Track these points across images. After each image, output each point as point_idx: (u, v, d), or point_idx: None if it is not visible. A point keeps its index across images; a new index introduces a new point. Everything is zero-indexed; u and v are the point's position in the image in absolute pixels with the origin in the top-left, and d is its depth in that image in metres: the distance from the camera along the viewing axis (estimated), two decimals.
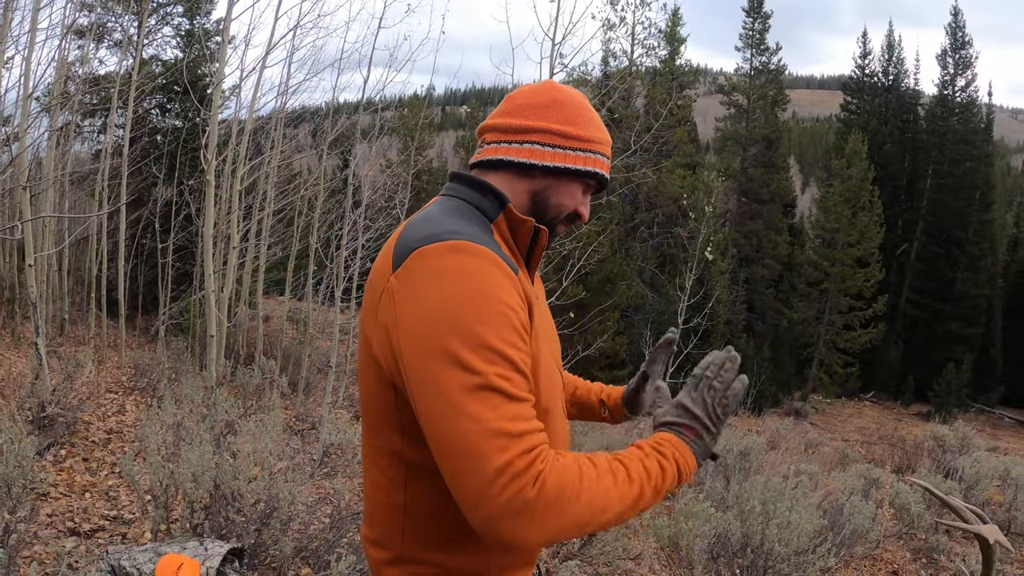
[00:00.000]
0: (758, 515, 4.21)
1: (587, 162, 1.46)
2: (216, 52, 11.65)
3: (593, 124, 1.48)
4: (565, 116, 1.45)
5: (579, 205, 1.50)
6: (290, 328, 14.12)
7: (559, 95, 1.48)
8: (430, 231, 1.27)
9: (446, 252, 1.22)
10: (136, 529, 4.26)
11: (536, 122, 1.44)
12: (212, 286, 8.34)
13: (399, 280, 1.24)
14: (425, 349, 1.17)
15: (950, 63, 38.75)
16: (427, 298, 1.19)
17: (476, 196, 1.42)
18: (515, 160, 1.43)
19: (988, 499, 8.85)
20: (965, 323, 36.17)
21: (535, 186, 1.45)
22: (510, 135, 1.45)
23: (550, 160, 1.43)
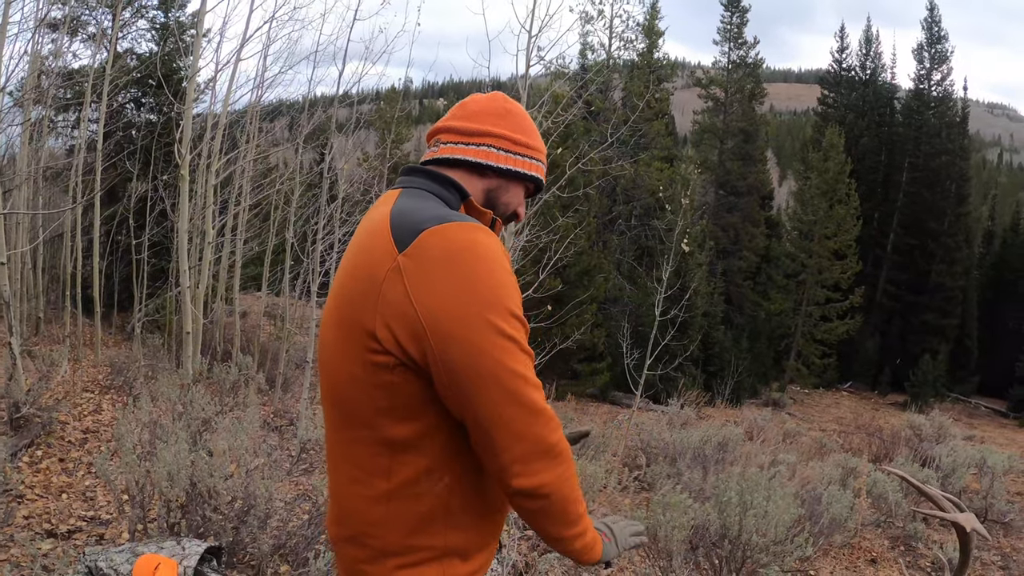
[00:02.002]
0: (735, 506, 4.23)
1: (531, 167, 1.63)
2: (191, 45, 11.54)
3: (536, 135, 1.66)
4: (516, 125, 1.61)
5: (519, 205, 1.67)
6: (268, 324, 14.04)
7: (510, 106, 1.64)
8: (434, 214, 1.37)
9: (458, 231, 1.33)
10: (113, 529, 4.22)
11: (491, 127, 1.58)
12: (187, 282, 8.28)
13: (411, 259, 1.30)
14: (466, 321, 1.28)
15: (926, 58, 39.12)
16: (453, 275, 1.29)
17: (438, 188, 1.52)
18: (472, 160, 1.57)
19: (965, 487, 8.96)
20: (941, 314, 36.62)
21: (488, 185, 1.60)
22: (467, 137, 1.58)
23: (503, 163, 1.58)
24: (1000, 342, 37.57)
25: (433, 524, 1.41)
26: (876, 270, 38.01)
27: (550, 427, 1.33)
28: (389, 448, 1.38)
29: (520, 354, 1.32)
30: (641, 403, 14.50)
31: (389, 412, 1.36)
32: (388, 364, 1.33)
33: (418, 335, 1.29)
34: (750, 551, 4.12)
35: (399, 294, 1.30)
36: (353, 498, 1.43)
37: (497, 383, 1.28)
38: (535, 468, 1.32)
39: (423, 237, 1.31)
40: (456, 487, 1.41)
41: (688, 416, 13.09)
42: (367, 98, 13.29)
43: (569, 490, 1.38)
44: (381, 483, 1.39)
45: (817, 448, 13.47)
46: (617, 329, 16.61)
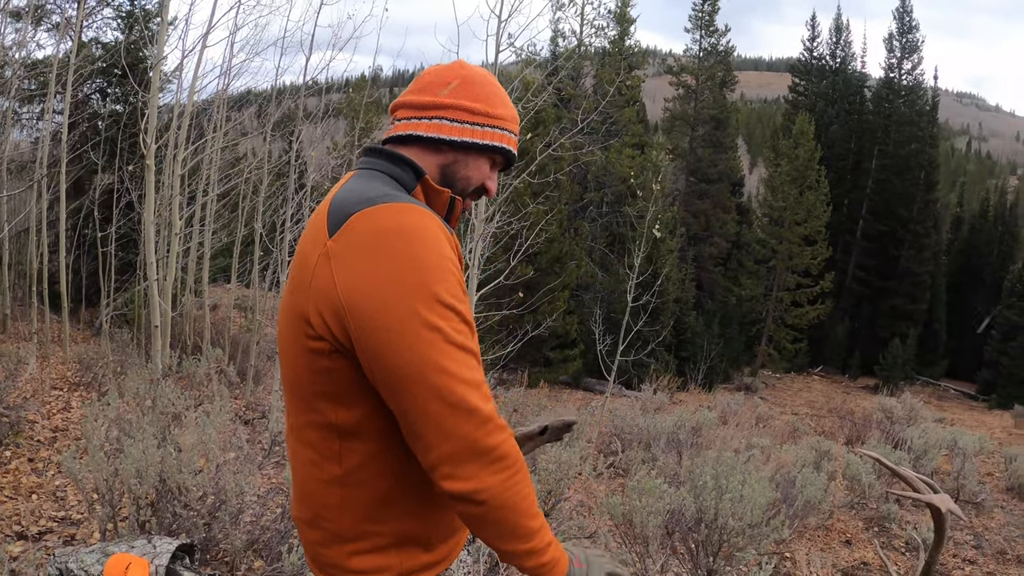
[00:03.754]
0: (711, 490, 4.25)
1: (493, 137, 1.52)
2: (157, 33, 11.36)
3: (500, 101, 1.54)
4: (473, 93, 1.50)
5: (486, 179, 1.57)
6: (238, 316, 13.91)
7: (467, 73, 1.53)
8: (365, 196, 1.31)
9: (386, 213, 1.27)
10: (85, 529, 4.16)
11: (444, 99, 1.49)
12: (155, 275, 8.16)
13: (338, 243, 1.26)
14: (386, 307, 1.22)
15: (896, 47, 39.61)
16: (377, 258, 1.23)
17: (393, 168, 1.46)
18: (424, 135, 1.48)
19: (937, 468, 9.09)
20: (909, 299, 37.19)
21: (444, 160, 1.51)
22: (420, 111, 1.50)
23: (458, 135, 1.49)
24: (968, 326, 38.24)
25: (386, 510, 1.38)
26: (846, 256, 38.47)
27: (486, 428, 1.23)
28: (337, 433, 1.35)
29: (448, 347, 1.23)
30: (614, 389, 14.57)
31: (331, 397, 1.34)
32: (323, 350, 1.30)
33: (343, 322, 1.25)
34: (726, 535, 4.14)
35: (326, 279, 1.26)
36: (310, 481, 1.41)
37: (420, 378, 1.21)
38: (466, 471, 1.22)
39: (351, 221, 1.27)
40: (406, 473, 1.37)
41: (661, 401, 13.16)
42: (337, 86, 13.14)
43: (515, 500, 1.26)
44: (334, 467, 1.37)
45: (790, 432, 13.60)
46: (589, 316, 16.68)
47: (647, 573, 4.23)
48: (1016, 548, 6.54)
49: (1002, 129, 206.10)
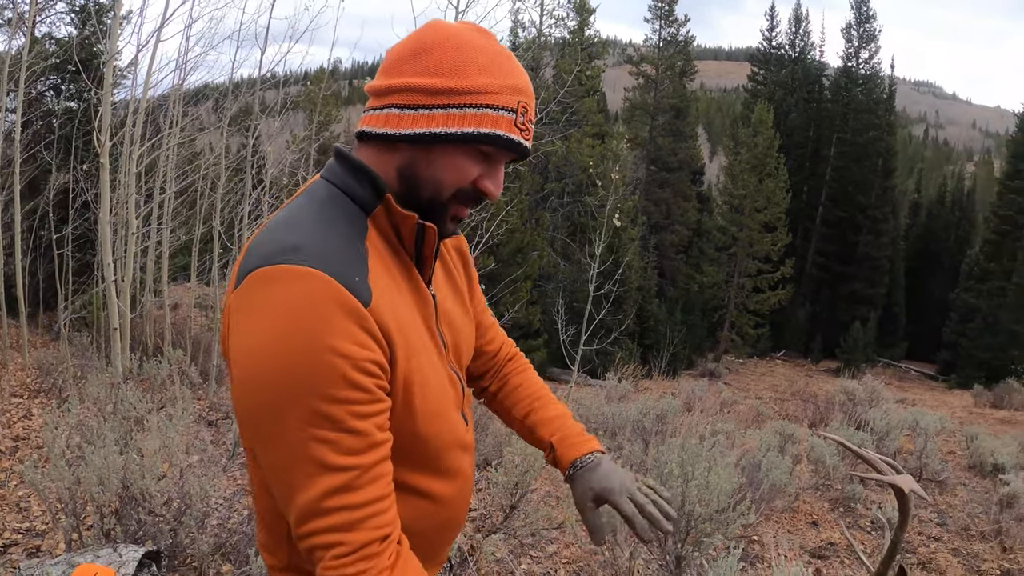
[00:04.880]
0: (677, 477, 4.27)
1: (464, 121, 1.16)
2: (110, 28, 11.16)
3: (479, 68, 1.16)
4: (434, 65, 1.16)
5: (472, 178, 1.22)
6: (199, 315, 13.74)
7: (431, 37, 1.18)
8: (272, 247, 1.10)
9: (272, 282, 1.06)
10: (50, 540, 4.09)
11: (396, 79, 1.18)
12: (112, 276, 8.03)
13: (235, 302, 1.11)
14: (244, 399, 1.09)
15: (854, 36, 40.38)
16: (251, 338, 1.06)
17: (351, 183, 1.21)
18: (374, 131, 1.20)
19: (900, 448, 9.24)
20: (868, 284, 37.92)
21: (400, 160, 1.20)
22: (375, 99, 1.22)
23: (408, 126, 1.17)
24: (927, 309, 39.01)
25: None
26: (806, 242, 39.07)
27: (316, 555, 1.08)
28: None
29: (301, 460, 1.05)
30: (579, 379, 14.60)
31: None
32: None
33: None
34: (693, 521, 4.17)
35: (227, 336, 1.14)
36: (264, 508, 1.30)
37: (270, 472, 1.10)
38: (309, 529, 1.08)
39: (247, 282, 1.09)
40: None
41: (626, 390, 13.20)
42: (295, 79, 13.01)
43: None
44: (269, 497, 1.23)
45: (754, 416, 13.74)
46: (552, 306, 16.72)
47: (616, 562, 4.26)
48: (979, 524, 6.68)
49: (959, 117, 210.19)
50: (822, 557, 5.72)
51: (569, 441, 1.59)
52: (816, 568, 5.36)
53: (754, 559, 5.31)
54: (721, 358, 32.11)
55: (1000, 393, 19.99)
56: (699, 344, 31.47)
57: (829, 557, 5.71)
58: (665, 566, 4.16)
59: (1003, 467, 8.59)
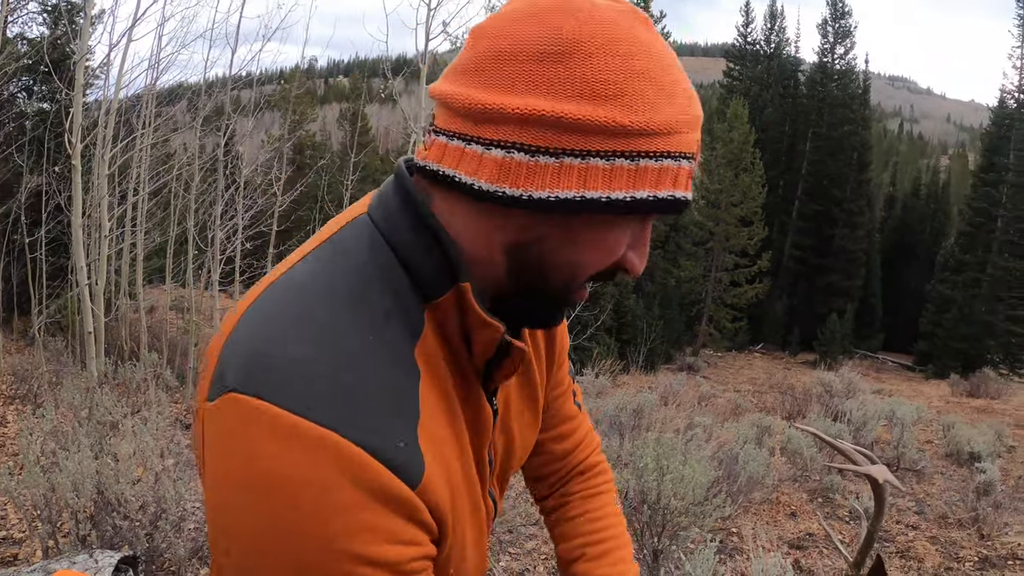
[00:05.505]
0: (652, 471, 4.29)
1: (639, 181, 0.71)
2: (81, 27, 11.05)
3: (661, 89, 0.71)
4: (595, 79, 0.68)
5: (623, 255, 0.79)
6: (175, 317, 13.64)
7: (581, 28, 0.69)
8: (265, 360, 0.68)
9: (271, 436, 0.65)
10: (27, 548, 4.05)
11: (522, 98, 0.69)
12: (85, 279, 7.96)
13: (209, 423, 0.70)
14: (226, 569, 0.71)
15: (830, 32, 40.76)
16: (232, 511, 0.68)
17: (417, 252, 0.76)
18: (477, 187, 0.71)
19: (877, 438, 9.30)
20: (845, 276, 38.25)
21: (514, 234, 0.75)
22: (472, 124, 0.72)
23: (547, 186, 0.69)
24: (903, 300, 39.42)
25: None
26: (782, 235, 39.34)
27: None
28: None
29: None
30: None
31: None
32: None
33: None
34: (669, 515, 4.19)
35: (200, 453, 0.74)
36: None
37: None
38: None
39: (223, 404, 0.68)
40: None
41: (603, 385, 13.21)
42: (270, 78, 12.91)
43: None
44: None
45: (732, 409, 13.78)
46: None
47: None
48: (957, 512, 6.74)
49: (933, 111, 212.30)
50: (801, 548, 5.76)
51: None
52: (795, 559, 5.41)
53: (733, 551, 5.35)
54: (699, 352, 32.24)
55: (976, 382, 20.21)
56: (677, 338, 31.59)
57: (808, 548, 5.76)
58: (642, 560, 4.18)
59: (979, 455, 8.67)
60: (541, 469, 1.24)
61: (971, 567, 5.55)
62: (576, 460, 1.25)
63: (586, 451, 1.27)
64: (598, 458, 1.30)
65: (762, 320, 36.80)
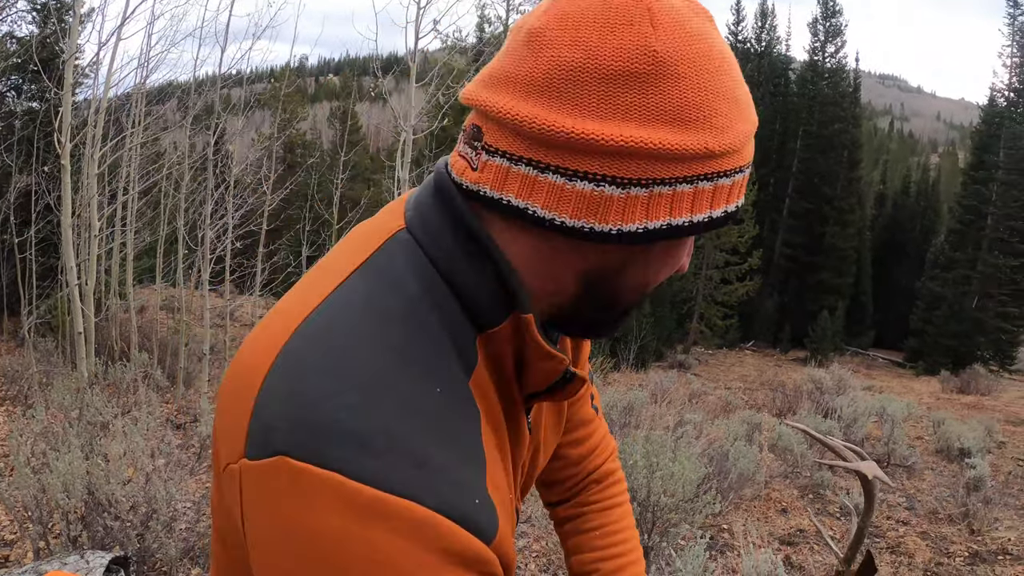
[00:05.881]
0: (642, 468, 4.30)
1: (716, 200, 0.69)
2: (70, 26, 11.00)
3: (732, 104, 0.67)
4: (682, 105, 0.63)
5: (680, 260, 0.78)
6: (166, 317, 13.59)
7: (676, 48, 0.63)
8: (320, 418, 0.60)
9: (333, 507, 0.58)
10: (19, 550, 4.04)
11: (621, 130, 0.62)
12: (75, 279, 7.93)
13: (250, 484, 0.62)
14: None
15: (820, 30, 40.92)
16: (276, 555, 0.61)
17: (468, 275, 0.70)
18: (560, 222, 0.65)
19: (867, 435, 9.35)
20: (835, 273, 38.39)
21: (597, 261, 0.71)
22: (546, 150, 0.64)
23: (640, 219, 0.65)
24: (894, 298, 39.60)
25: None
26: (773, 233, 39.47)
27: None
28: None
29: None
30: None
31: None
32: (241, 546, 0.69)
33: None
34: (659, 511, 4.20)
35: (235, 509, 0.65)
36: None
37: None
38: None
39: (271, 469, 0.59)
40: None
41: (594, 383, 13.25)
42: (261, 76, 12.86)
43: None
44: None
45: (723, 406, 13.81)
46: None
47: None
48: (947, 508, 6.78)
49: (924, 109, 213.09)
50: (791, 544, 5.78)
51: None
52: (785, 555, 5.43)
53: (723, 547, 5.37)
54: (690, 349, 32.28)
55: (966, 379, 20.31)
56: (668, 336, 31.64)
57: (799, 544, 5.78)
58: None
59: (969, 451, 8.72)
60: (556, 474, 1.20)
61: (961, 562, 5.59)
62: (592, 466, 1.22)
63: (602, 456, 1.24)
64: (614, 465, 1.26)
65: (753, 318, 36.91)
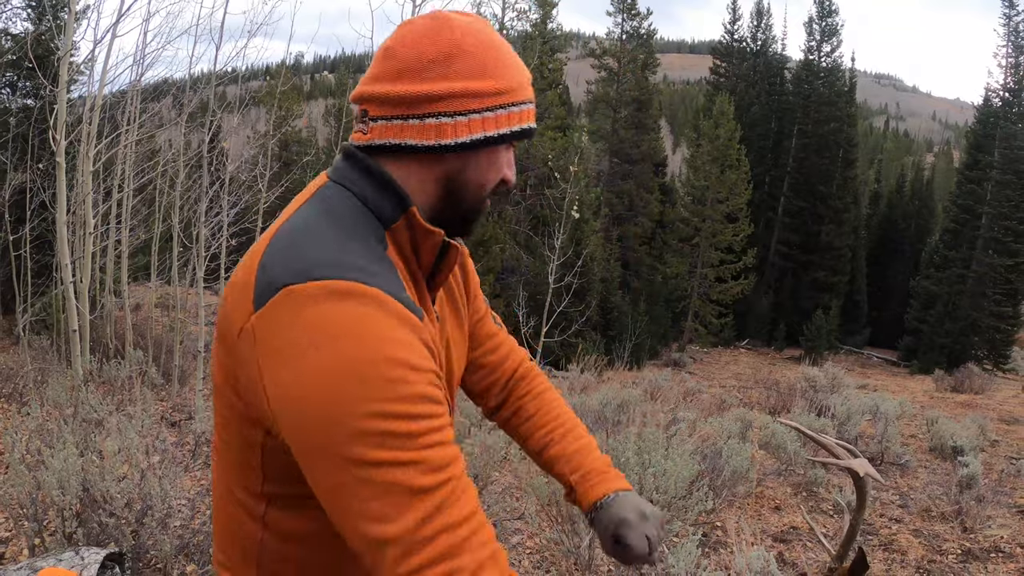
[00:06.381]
0: (634, 465, 4.30)
1: (512, 120, 1.16)
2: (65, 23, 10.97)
3: (509, 64, 1.16)
4: (474, 66, 1.12)
5: (504, 168, 1.21)
6: (161, 315, 13.57)
7: (460, 37, 1.12)
8: (305, 261, 1.00)
9: (325, 298, 0.95)
10: (14, 547, 4.04)
11: (439, 86, 1.10)
12: (70, 277, 7.92)
13: (263, 324, 0.98)
14: (309, 432, 0.94)
15: (816, 30, 41.03)
16: (305, 365, 0.94)
17: (372, 192, 1.13)
18: (419, 144, 1.12)
19: (861, 433, 9.34)
20: (830, 272, 38.49)
21: (447, 170, 1.15)
22: (405, 108, 1.11)
23: (466, 133, 1.12)
24: (888, 296, 39.69)
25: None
26: (768, 232, 39.53)
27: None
28: (267, 499, 1.14)
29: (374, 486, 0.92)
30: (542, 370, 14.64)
31: (263, 472, 1.11)
32: (255, 422, 1.07)
33: (273, 421, 1.00)
34: None
35: (251, 365, 0.99)
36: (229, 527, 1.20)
37: (345, 520, 0.96)
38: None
39: (280, 298, 0.97)
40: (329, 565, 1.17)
41: (588, 380, 13.24)
42: (256, 74, 12.84)
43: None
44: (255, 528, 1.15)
45: (717, 404, 13.83)
46: (514, 298, 16.75)
47: (577, 551, 4.30)
48: (940, 505, 6.78)
49: (919, 109, 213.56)
50: (784, 541, 5.80)
51: (589, 481, 1.48)
52: (778, 552, 5.45)
53: (716, 544, 5.38)
54: (685, 348, 32.35)
55: (960, 377, 20.32)
56: (663, 334, 31.70)
57: (792, 541, 5.79)
58: None
59: (962, 449, 8.74)
60: (483, 382, 1.59)
61: (954, 559, 5.60)
62: (512, 366, 1.61)
63: (517, 358, 1.63)
64: (531, 365, 1.64)
65: (748, 316, 36.99)
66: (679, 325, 34.37)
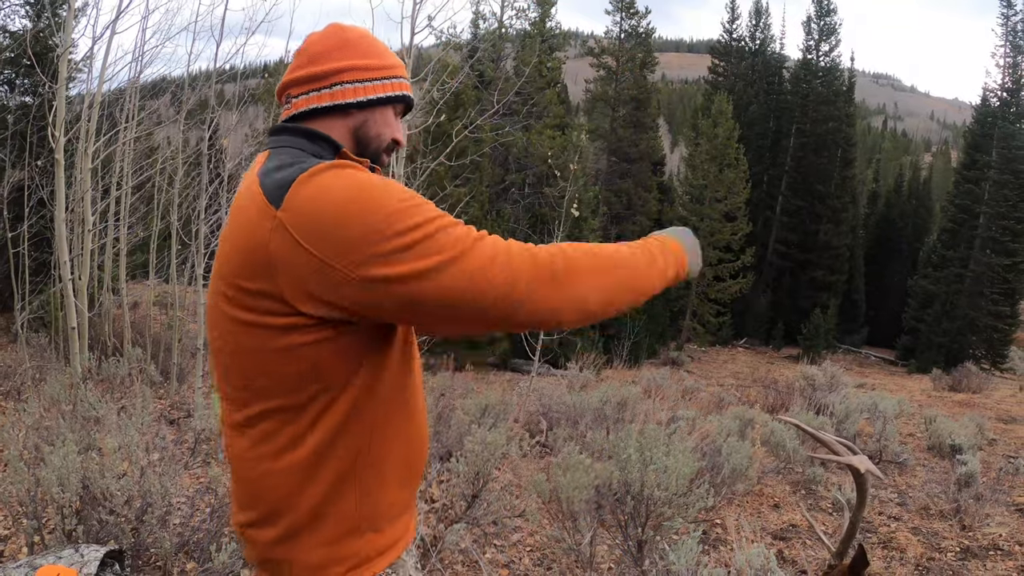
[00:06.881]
0: (635, 463, 4.30)
1: (392, 87, 1.54)
2: (64, 20, 10.94)
3: (385, 53, 1.56)
4: (361, 51, 1.52)
5: (396, 131, 1.58)
6: (159, 313, 13.55)
7: (349, 34, 1.54)
8: (299, 167, 1.28)
9: (327, 169, 1.25)
10: (13, 545, 4.03)
11: (338, 63, 1.49)
12: (68, 275, 7.90)
13: (289, 211, 1.23)
14: (367, 260, 1.19)
15: (814, 29, 41.03)
16: (331, 206, 1.21)
17: (306, 143, 1.44)
18: (329, 104, 1.48)
19: (859, 431, 9.36)
20: (829, 271, 38.49)
21: (354, 123, 1.52)
22: (316, 83, 1.49)
23: (363, 95, 1.50)
24: (886, 296, 39.72)
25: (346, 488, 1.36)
26: (766, 231, 39.52)
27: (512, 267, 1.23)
28: (298, 414, 1.32)
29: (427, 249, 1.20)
30: (541, 369, 14.60)
31: (297, 377, 1.29)
32: (295, 325, 1.26)
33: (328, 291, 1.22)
34: (653, 505, 4.20)
35: (290, 248, 1.21)
36: (261, 478, 1.36)
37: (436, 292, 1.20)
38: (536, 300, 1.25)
39: (296, 187, 1.23)
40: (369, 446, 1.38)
41: (587, 379, 13.25)
42: (255, 72, 12.81)
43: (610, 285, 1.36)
44: (292, 453, 1.33)
45: (716, 402, 13.82)
46: None
47: (578, 548, 4.31)
48: (938, 503, 6.79)
49: (917, 108, 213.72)
50: (784, 539, 5.80)
51: None
52: (778, 549, 5.45)
53: (716, 542, 5.39)
54: (683, 347, 32.34)
55: (958, 376, 20.36)
56: (661, 333, 31.68)
57: (791, 539, 5.80)
58: (627, 551, 4.21)
59: (960, 448, 8.75)
60: None
61: (953, 557, 5.61)
62: None
63: None
64: None
65: (746, 315, 37.01)
66: (677, 324, 34.35)
